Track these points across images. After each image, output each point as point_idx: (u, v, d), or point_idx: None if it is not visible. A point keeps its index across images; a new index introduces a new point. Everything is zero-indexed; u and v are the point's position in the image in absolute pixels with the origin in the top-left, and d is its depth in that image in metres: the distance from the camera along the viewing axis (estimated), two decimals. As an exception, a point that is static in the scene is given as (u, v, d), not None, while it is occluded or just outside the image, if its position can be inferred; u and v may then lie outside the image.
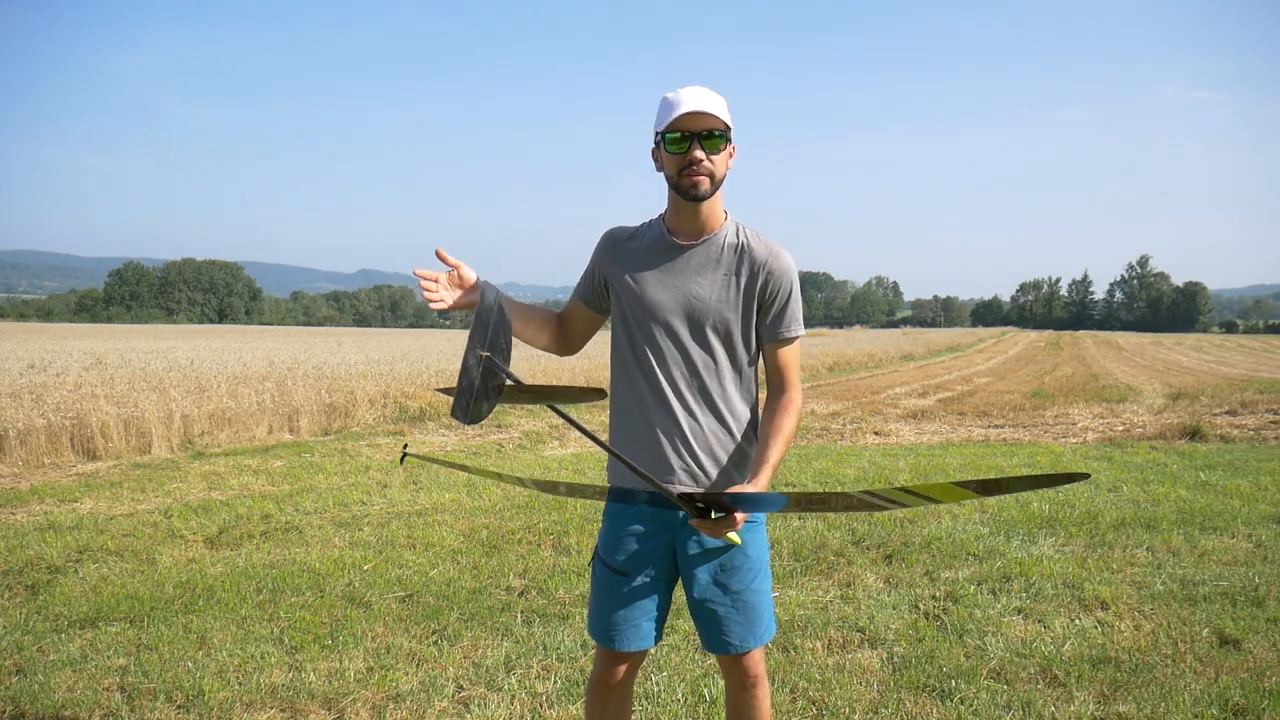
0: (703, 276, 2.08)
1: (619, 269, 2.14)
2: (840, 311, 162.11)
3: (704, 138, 1.96)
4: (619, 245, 2.16)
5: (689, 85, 1.99)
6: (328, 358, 17.37)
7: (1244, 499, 6.37)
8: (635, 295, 2.10)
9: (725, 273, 2.08)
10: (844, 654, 3.58)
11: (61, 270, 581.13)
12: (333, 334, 50.34)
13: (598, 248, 2.20)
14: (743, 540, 2.08)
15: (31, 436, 8.38)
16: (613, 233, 2.20)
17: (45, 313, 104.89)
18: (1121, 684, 3.26)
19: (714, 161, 1.99)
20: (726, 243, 2.09)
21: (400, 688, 3.27)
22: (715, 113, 1.94)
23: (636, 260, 2.12)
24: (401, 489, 7.08)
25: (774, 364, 2.13)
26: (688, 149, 1.96)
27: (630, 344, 2.13)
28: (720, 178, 2.02)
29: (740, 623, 2.12)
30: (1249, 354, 40.26)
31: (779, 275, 2.08)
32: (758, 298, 2.08)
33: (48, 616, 4.03)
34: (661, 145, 2.01)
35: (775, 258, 2.08)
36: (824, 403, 15.15)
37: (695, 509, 1.83)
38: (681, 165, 1.99)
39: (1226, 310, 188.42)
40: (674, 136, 1.97)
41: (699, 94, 1.96)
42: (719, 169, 2.01)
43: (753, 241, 2.10)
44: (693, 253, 2.09)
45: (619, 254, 2.15)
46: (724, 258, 2.08)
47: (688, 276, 2.08)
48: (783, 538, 5.28)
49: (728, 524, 1.83)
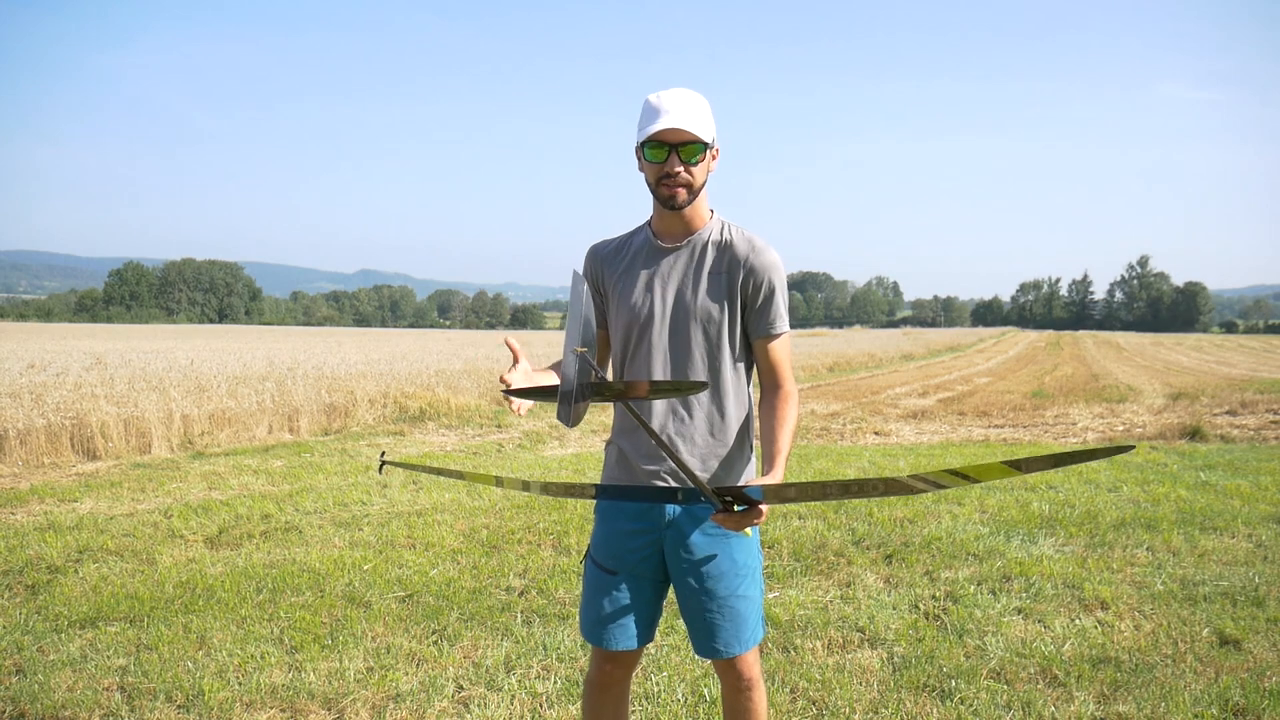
0: (687, 277, 2.08)
1: (610, 278, 2.16)
2: (840, 311, 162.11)
3: (682, 149, 1.96)
4: (606, 258, 2.17)
5: (674, 88, 1.98)
6: (327, 358, 17.37)
7: (1244, 499, 6.37)
8: (624, 301, 2.11)
9: (710, 271, 2.07)
10: (844, 654, 3.58)
11: (61, 270, 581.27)
12: (332, 334, 50.35)
13: (588, 263, 2.20)
14: (731, 545, 2.08)
15: (31, 436, 8.38)
16: (596, 249, 2.20)
17: (45, 313, 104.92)
18: (1121, 684, 3.26)
19: (692, 173, 1.99)
20: (710, 241, 2.09)
21: (400, 688, 3.27)
22: (692, 128, 1.93)
23: (624, 268, 2.14)
24: (401, 489, 7.08)
25: (765, 361, 2.12)
26: (666, 160, 1.97)
27: (622, 348, 2.14)
28: (699, 186, 2.02)
29: (725, 628, 2.11)
30: (1249, 354, 40.25)
31: (760, 271, 2.06)
32: (740, 294, 2.07)
33: (48, 616, 4.03)
34: (641, 153, 2.01)
35: (756, 253, 2.06)
36: (824, 403, 15.15)
37: (723, 502, 1.80)
38: (659, 175, 1.99)
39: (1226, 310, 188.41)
40: (653, 146, 1.97)
41: (680, 104, 1.94)
42: (697, 179, 2.01)
43: (735, 238, 2.09)
44: (677, 254, 2.10)
45: (607, 265, 2.17)
46: (707, 257, 2.08)
47: (672, 278, 2.09)
48: (783, 538, 5.28)
49: (751, 516, 1.78)
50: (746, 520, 1.79)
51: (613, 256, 2.17)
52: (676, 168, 1.97)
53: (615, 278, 2.15)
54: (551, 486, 2.01)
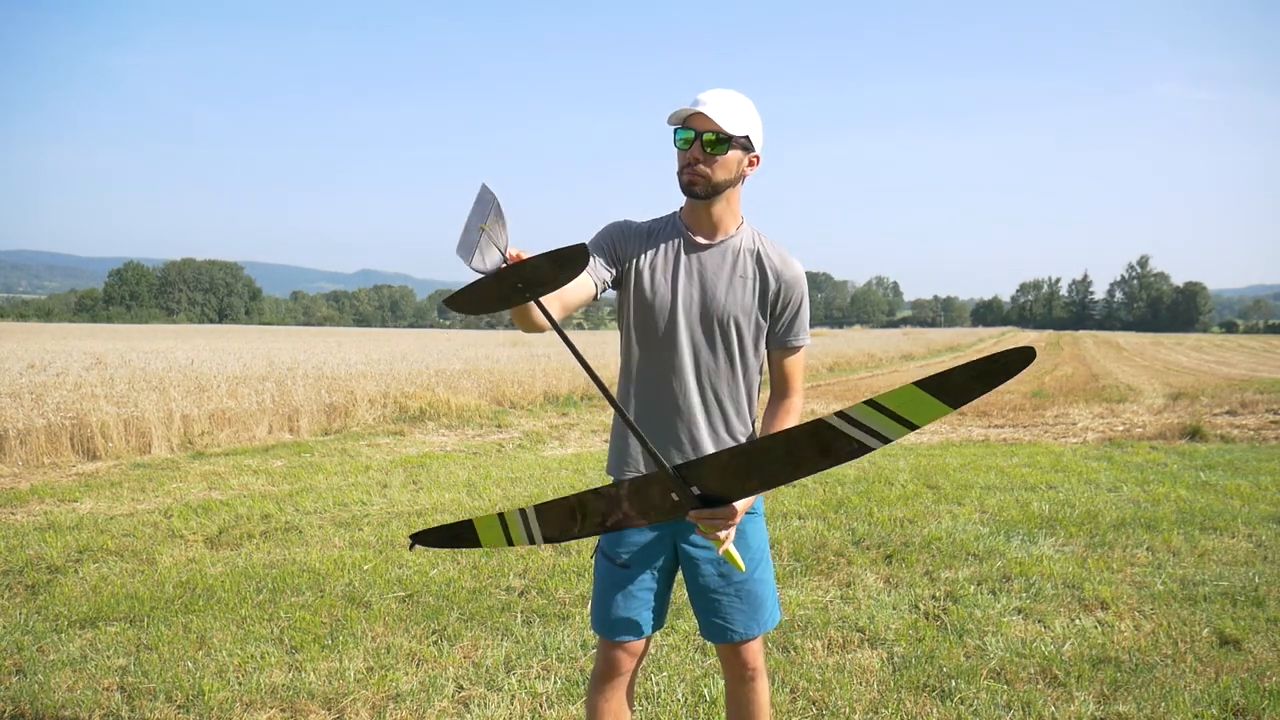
0: (720, 277, 2.11)
1: (637, 259, 2.13)
2: (840, 311, 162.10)
3: (705, 139, 1.98)
4: (638, 236, 2.14)
5: (717, 89, 2.00)
6: (327, 358, 17.36)
7: (1244, 499, 6.37)
8: (654, 287, 2.11)
9: (741, 276, 2.11)
10: (844, 654, 3.58)
11: (61, 270, 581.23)
12: (333, 334, 50.35)
13: (613, 231, 2.14)
14: (744, 531, 2.11)
15: (31, 436, 8.38)
16: (626, 223, 2.16)
17: (45, 313, 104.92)
18: (1121, 684, 3.26)
19: (712, 166, 2.00)
20: (744, 247, 2.12)
21: (400, 688, 3.27)
22: (718, 119, 1.95)
23: (655, 253, 2.13)
24: (401, 489, 7.08)
25: (780, 369, 2.18)
26: (690, 147, 2.00)
27: (643, 333, 2.13)
28: (719, 182, 2.03)
29: (743, 611, 2.16)
30: (1249, 354, 40.24)
31: (791, 284, 2.13)
32: (771, 305, 2.12)
33: (48, 616, 4.03)
34: (674, 138, 2.04)
35: (789, 267, 2.13)
36: (824, 403, 15.14)
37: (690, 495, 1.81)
38: (683, 162, 2.03)
39: (1226, 310, 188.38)
40: (682, 132, 2.01)
41: (717, 98, 1.99)
42: (718, 174, 2.02)
43: (768, 249, 2.14)
44: (710, 252, 2.12)
45: (637, 243, 2.14)
46: (740, 261, 2.12)
47: (705, 275, 2.11)
48: (783, 538, 5.28)
49: (726, 515, 1.83)
50: (720, 519, 1.82)
51: (642, 238, 2.14)
52: (696, 154, 2.00)
53: (642, 259, 2.12)
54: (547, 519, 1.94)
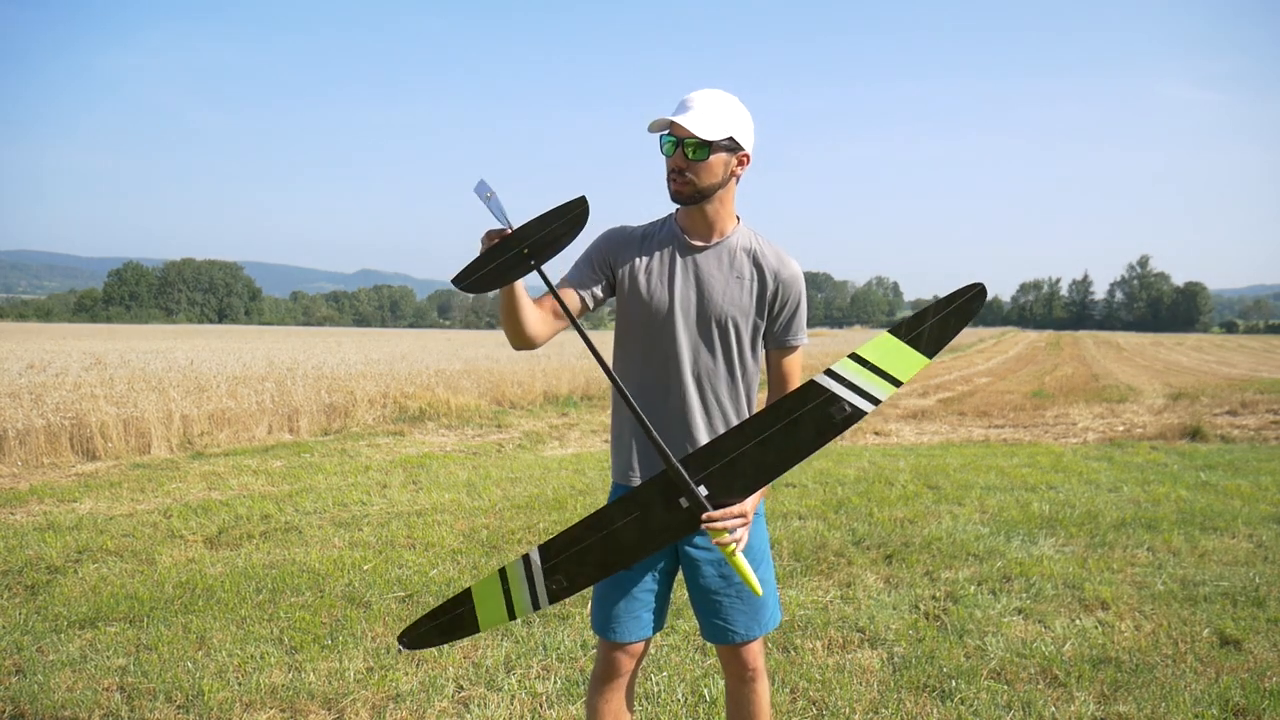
0: (716, 278, 2.11)
1: (630, 265, 2.13)
2: (840, 311, 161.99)
3: (687, 145, 1.98)
4: (630, 242, 2.15)
5: (703, 89, 2.00)
6: (327, 358, 17.37)
7: (1244, 499, 6.37)
8: (651, 291, 2.11)
9: (738, 276, 2.11)
10: (844, 654, 3.58)
11: (61, 270, 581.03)
12: (332, 334, 50.36)
13: (603, 243, 2.16)
14: (750, 531, 2.10)
15: (31, 436, 8.37)
16: (620, 229, 2.19)
17: (45, 313, 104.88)
18: (1122, 684, 3.26)
19: (697, 172, 2.00)
20: (740, 247, 2.12)
21: (400, 688, 3.26)
22: (695, 127, 1.94)
23: (650, 258, 2.13)
24: (401, 489, 7.08)
25: (777, 370, 2.18)
26: (673, 154, 2.00)
27: (641, 337, 2.13)
28: (705, 187, 2.03)
29: (744, 612, 2.16)
30: (1249, 354, 40.26)
31: (789, 284, 2.13)
32: (768, 305, 2.12)
33: (47, 617, 4.03)
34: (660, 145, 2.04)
35: (786, 266, 2.13)
36: (824, 403, 15.14)
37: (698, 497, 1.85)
38: (669, 168, 2.03)
39: (1226, 310, 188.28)
40: (666, 138, 2.00)
41: (699, 102, 1.98)
42: (703, 179, 2.02)
43: (765, 249, 2.14)
44: (706, 254, 2.12)
45: (629, 250, 2.14)
46: (737, 262, 2.11)
47: (702, 277, 2.11)
48: (783, 538, 5.28)
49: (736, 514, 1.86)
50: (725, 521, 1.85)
51: (636, 243, 2.15)
52: (680, 162, 2.00)
53: (637, 263, 2.13)
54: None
